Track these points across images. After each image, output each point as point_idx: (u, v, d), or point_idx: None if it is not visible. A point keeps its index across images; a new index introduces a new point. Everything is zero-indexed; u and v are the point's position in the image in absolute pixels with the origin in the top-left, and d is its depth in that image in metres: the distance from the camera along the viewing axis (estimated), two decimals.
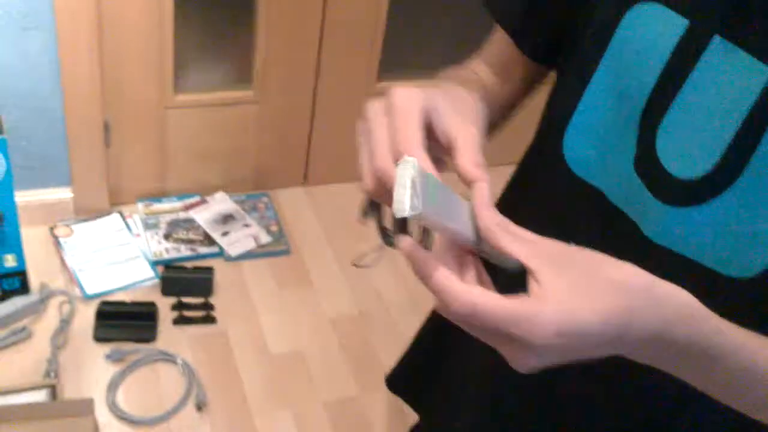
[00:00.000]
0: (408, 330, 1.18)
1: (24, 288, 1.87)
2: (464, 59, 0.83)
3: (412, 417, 1.12)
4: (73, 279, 1.95)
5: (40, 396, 1.64)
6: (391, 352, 1.95)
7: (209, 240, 2.12)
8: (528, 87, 0.83)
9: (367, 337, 1.98)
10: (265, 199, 2.29)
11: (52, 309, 1.88)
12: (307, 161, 2.35)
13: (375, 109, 0.55)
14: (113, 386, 1.74)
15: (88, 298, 1.91)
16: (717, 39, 0.61)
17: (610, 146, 0.69)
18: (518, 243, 0.50)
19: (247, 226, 2.18)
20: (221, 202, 2.23)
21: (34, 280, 1.90)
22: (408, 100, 0.54)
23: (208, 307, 1.96)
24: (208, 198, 2.23)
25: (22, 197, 1.93)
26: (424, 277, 0.48)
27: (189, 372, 1.80)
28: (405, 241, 0.49)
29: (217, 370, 1.84)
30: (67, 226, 2.07)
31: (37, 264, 1.94)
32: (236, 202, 2.24)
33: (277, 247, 2.16)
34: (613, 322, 0.47)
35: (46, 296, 1.88)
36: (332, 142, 2.33)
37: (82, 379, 1.75)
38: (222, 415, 1.75)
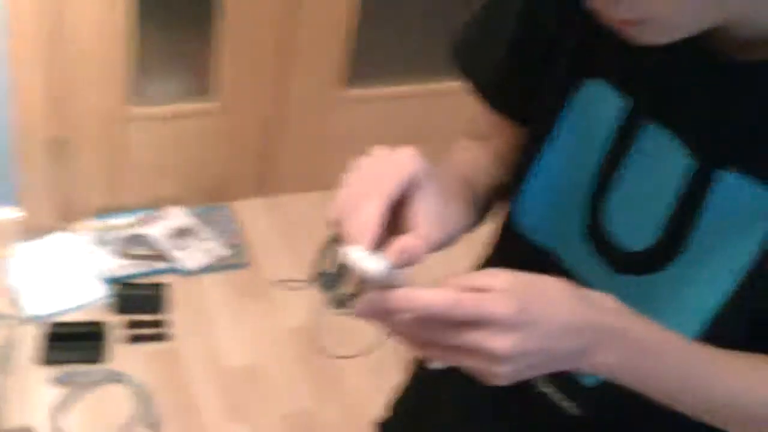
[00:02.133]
0: (365, 341, 1.11)
1: None
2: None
3: (369, 429, 1.05)
4: (16, 301, 1.87)
5: None
6: (349, 364, 1.88)
7: (166, 255, 2.04)
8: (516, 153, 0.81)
9: (325, 348, 1.90)
10: (224, 211, 2.21)
11: None
12: (267, 171, 2.28)
13: (375, 152, 0.59)
14: (60, 411, 1.66)
15: (34, 320, 1.83)
16: (651, 125, 0.64)
17: (562, 212, 0.73)
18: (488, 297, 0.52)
19: (205, 239, 2.11)
20: (178, 216, 2.16)
21: None
22: (407, 159, 0.57)
23: (161, 324, 1.88)
24: (164, 212, 2.16)
25: None
26: (390, 303, 0.52)
27: (140, 392, 1.72)
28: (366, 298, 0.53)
29: (172, 389, 1.76)
30: (12, 245, 1.99)
31: None
32: (194, 215, 2.17)
33: (236, 260, 2.08)
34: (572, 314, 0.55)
35: None
36: (293, 152, 2.26)
37: (26, 406, 1.67)
38: None
